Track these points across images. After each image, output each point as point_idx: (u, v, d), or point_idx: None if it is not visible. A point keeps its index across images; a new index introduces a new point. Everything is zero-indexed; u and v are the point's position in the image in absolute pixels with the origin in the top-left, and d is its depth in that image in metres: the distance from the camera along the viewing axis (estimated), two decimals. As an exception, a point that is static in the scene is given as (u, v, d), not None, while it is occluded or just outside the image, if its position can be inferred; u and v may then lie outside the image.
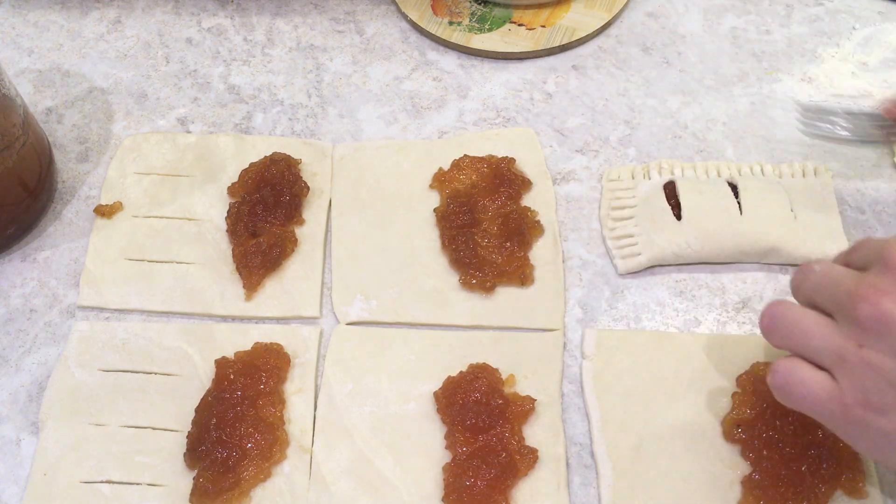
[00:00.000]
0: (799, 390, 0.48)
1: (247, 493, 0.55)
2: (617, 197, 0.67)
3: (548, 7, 0.79)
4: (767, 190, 0.65)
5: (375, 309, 0.63)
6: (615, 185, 0.68)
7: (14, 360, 0.62)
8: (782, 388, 0.49)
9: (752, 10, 0.80)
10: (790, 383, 0.48)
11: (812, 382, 0.47)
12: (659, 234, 0.64)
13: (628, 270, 0.64)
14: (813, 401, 0.47)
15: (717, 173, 0.67)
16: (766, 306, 0.50)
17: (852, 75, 0.74)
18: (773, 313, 0.50)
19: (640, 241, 0.64)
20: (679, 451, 0.56)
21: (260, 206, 0.66)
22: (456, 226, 0.65)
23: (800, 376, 0.48)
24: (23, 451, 0.58)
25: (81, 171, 0.72)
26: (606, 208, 0.67)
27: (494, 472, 0.54)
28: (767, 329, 0.50)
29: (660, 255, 0.63)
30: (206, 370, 0.60)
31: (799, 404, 0.48)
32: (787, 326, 0.49)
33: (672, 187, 0.66)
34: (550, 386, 0.59)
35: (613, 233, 0.65)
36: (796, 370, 0.48)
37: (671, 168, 0.68)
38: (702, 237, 0.63)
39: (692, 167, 0.68)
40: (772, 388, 0.50)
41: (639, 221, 0.65)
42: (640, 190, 0.67)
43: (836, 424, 0.47)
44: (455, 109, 0.74)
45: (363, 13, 0.82)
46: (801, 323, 0.48)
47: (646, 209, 0.66)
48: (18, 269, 0.67)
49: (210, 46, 0.80)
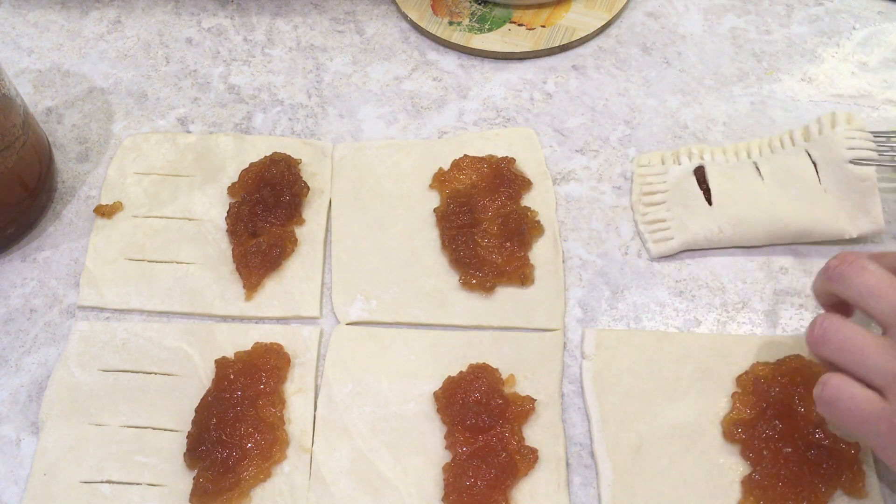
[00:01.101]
0: (848, 406, 0.48)
1: (247, 493, 0.55)
2: (648, 182, 0.68)
3: (548, 7, 0.79)
4: (792, 168, 0.65)
5: (375, 309, 0.63)
6: (646, 170, 0.68)
7: (14, 360, 0.62)
8: (832, 401, 0.49)
9: (752, 10, 0.80)
10: (841, 398, 0.48)
11: (862, 399, 0.48)
12: (691, 219, 0.64)
13: (661, 254, 0.65)
14: (861, 417, 0.48)
15: (746, 154, 0.68)
16: (819, 319, 0.51)
17: (852, 75, 0.74)
18: (827, 326, 0.50)
19: (672, 226, 0.65)
20: (679, 451, 0.56)
21: (260, 206, 0.66)
22: (456, 226, 0.65)
23: (850, 392, 0.48)
24: (23, 451, 0.58)
25: (81, 171, 0.72)
26: (638, 193, 0.68)
27: (494, 472, 0.54)
28: (819, 340, 0.50)
29: (692, 240, 0.64)
30: (206, 370, 0.60)
31: (846, 419, 0.49)
32: (841, 341, 0.49)
33: (702, 172, 0.67)
34: (550, 386, 0.59)
35: (645, 217, 0.66)
36: (848, 386, 0.48)
37: (700, 153, 0.68)
38: (732, 222, 0.64)
39: (722, 151, 0.68)
40: (819, 400, 0.50)
41: (671, 206, 0.66)
42: (671, 175, 0.67)
43: (880, 442, 0.48)
44: (455, 109, 0.74)
45: (363, 13, 0.82)
46: (857, 339, 0.49)
47: (677, 194, 0.66)
48: (18, 269, 0.67)
49: (210, 46, 0.80)
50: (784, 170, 0.65)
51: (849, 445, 0.54)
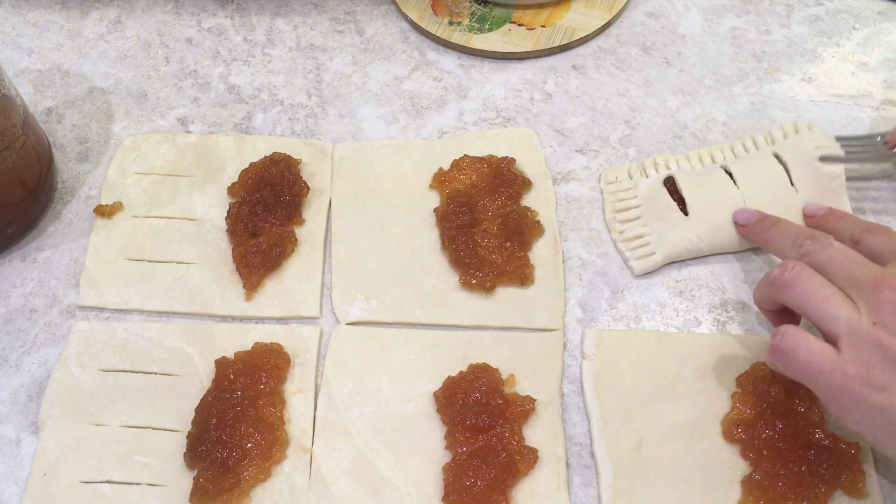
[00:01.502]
0: (804, 356, 0.49)
1: (247, 493, 0.55)
2: (619, 199, 0.67)
3: (548, 7, 0.79)
4: (764, 170, 0.65)
5: (375, 309, 0.63)
6: (615, 186, 0.68)
7: (14, 360, 0.62)
8: (788, 351, 0.50)
9: (752, 10, 0.80)
10: (798, 348, 0.50)
11: (819, 350, 0.49)
12: (669, 231, 0.64)
13: (644, 271, 0.64)
14: (816, 368, 0.49)
15: (711, 159, 0.67)
16: (791, 263, 0.52)
17: (852, 75, 0.74)
18: (799, 271, 0.52)
19: (651, 241, 0.64)
20: (679, 451, 0.56)
21: (260, 206, 0.66)
22: (456, 226, 0.65)
23: (807, 343, 0.50)
24: (23, 451, 0.58)
25: (81, 171, 0.72)
26: (611, 211, 0.67)
27: (494, 472, 0.54)
28: (788, 283, 0.52)
29: (673, 252, 0.64)
30: (206, 370, 0.60)
31: (800, 369, 0.50)
32: (808, 288, 0.51)
33: (672, 182, 0.66)
34: (550, 386, 0.59)
35: (623, 235, 0.65)
36: (805, 337, 0.50)
37: (666, 162, 0.68)
38: (711, 230, 0.63)
39: (686, 158, 0.68)
40: (775, 350, 0.51)
41: (646, 221, 0.65)
42: (641, 189, 0.67)
43: (832, 395, 0.49)
44: (455, 109, 0.74)
45: (363, 13, 0.82)
46: (823, 289, 0.51)
47: (651, 207, 0.66)
48: (18, 269, 0.67)
49: (210, 46, 0.80)
50: (756, 172, 0.65)
51: (849, 445, 0.54)
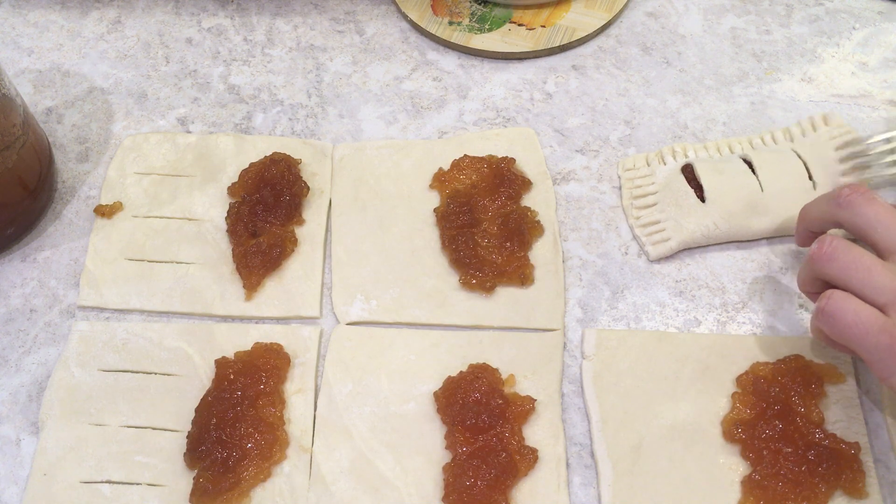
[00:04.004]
0: (852, 318, 0.50)
1: (247, 493, 0.55)
2: (637, 185, 0.68)
3: (548, 7, 0.79)
4: (783, 161, 0.65)
5: (375, 309, 0.63)
6: (632, 173, 0.68)
7: (14, 360, 0.62)
8: (835, 313, 0.50)
9: (752, 10, 0.80)
10: (846, 310, 0.50)
11: (866, 313, 0.50)
12: (686, 217, 0.64)
13: (660, 256, 0.65)
14: (863, 329, 0.49)
15: (729, 150, 0.68)
16: (828, 238, 0.53)
17: (852, 75, 0.74)
18: (837, 245, 0.52)
19: (667, 227, 0.65)
20: (679, 451, 0.56)
21: (260, 206, 0.66)
22: (456, 226, 0.65)
23: (854, 306, 0.50)
24: (23, 451, 0.58)
25: (81, 171, 0.72)
26: (628, 198, 0.67)
27: (494, 472, 0.54)
28: (828, 257, 0.52)
29: (689, 239, 0.64)
30: (206, 370, 0.60)
31: (846, 330, 0.50)
32: (849, 260, 0.51)
33: (690, 170, 0.67)
34: (550, 386, 0.59)
35: (640, 221, 0.66)
36: (851, 299, 0.50)
37: (684, 151, 0.68)
38: (728, 217, 0.64)
39: (704, 147, 0.69)
40: (822, 313, 0.51)
41: (663, 207, 0.66)
42: (658, 176, 0.68)
43: (878, 355, 0.49)
44: (455, 109, 0.74)
45: (363, 13, 0.82)
46: (864, 259, 0.51)
47: (668, 194, 0.66)
48: (18, 269, 0.67)
49: (210, 46, 0.80)
50: (775, 163, 0.66)
51: (849, 445, 0.54)
